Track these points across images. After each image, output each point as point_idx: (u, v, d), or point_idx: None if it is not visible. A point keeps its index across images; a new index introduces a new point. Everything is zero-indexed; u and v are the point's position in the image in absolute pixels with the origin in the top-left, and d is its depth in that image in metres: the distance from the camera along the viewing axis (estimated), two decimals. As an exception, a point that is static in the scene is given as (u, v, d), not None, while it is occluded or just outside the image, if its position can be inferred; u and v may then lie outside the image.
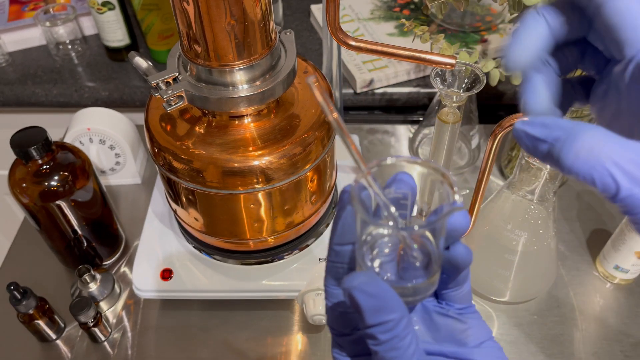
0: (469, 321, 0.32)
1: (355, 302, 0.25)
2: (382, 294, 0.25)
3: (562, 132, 0.23)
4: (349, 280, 0.25)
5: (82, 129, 0.75)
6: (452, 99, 0.50)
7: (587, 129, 0.23)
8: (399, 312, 0.25)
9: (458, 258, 0.30)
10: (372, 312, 0.25)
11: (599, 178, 0.22)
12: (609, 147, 0.22)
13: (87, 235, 0.68)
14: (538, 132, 0.24)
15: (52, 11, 0.96)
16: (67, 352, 0.65)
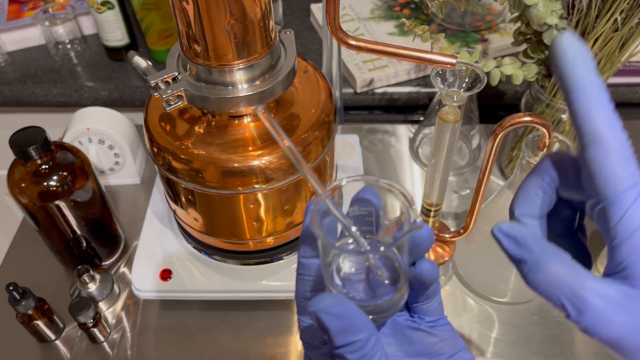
0: (441, 334, 0.32)
1: (323, 324, 0.25)
2: (348, 314, 0.25)
3: (530, 257, 0.27)
4: (316, 302, 0.25)
5: (81, 128, 0.75)
6: (452, 98, 0.50)
7: (552, 261, 0.27)
8: (367, 332, 0.25)
9: (424, 274, 0.30)
10: (340, 333, 0.25)
11: (554, 304, 0.27)
12: (565, 284, 0.26)
13: (87, 235, 0.68)
14: (511, 248, 0.28)
15: (52, 11, 0.96)
16: (66, 352, 0.65)
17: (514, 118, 0.46)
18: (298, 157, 0.29)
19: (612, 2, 0.56)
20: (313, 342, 0.33)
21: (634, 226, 0.25)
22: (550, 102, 0.68)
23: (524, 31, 0.68)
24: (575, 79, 0.25)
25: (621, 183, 0.25)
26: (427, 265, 0.30)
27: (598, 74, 0.26)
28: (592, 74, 0.25)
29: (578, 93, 0.25)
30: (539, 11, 0.59)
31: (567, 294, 0.27)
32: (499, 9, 0.99)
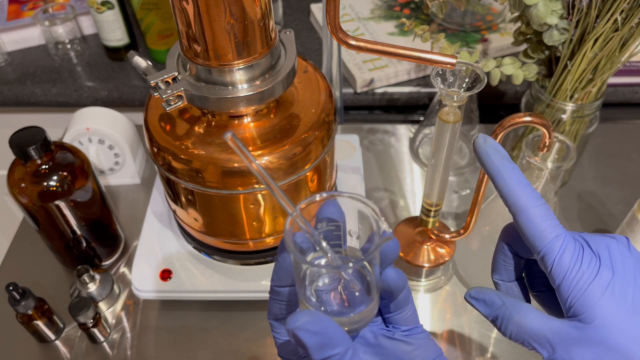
0: (416, 342, 0.33)
1: (300, 341, 0.26)
2: (325, 330, 0.26)
3: (500, 313, 0.33)
4: (293, 320, 0.26)
5: (81, 128, 0.75)
6: (452, 98, 0.50)
7: (516, 313, 0.33)
8: (344, 345, 0.26)
9: (390, 282, 0.31)
10: (318, 349, 0.26)
11: (528, 347, 0.33)
12: (530, 329, 0.32)
13: (86, 235, 0.68)
14: (482, 309, 0.35)
15: (51, 10, 0.96)
16: (66, 352, 0.65)
17: (514, 118, 0.46)
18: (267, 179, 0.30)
19: (612, 2, 0.56)
20: (291, 358, 0.34)
21: (563, 269, 0.31)
22: (551, 102, 0.68)
23: (524, 31, 0.68)
24: (491, 166, 0.33)
25: (546, 237, 0.31)
26: (393, 273, 0.31)
27: (510, 159, 0.33)
28: (505, 160, 0.33)
29: (497, 176, 0.33)
30: (539, 11, 0.59)
31: (533, 338, 0.32)
32: (499, 8, 0.99)
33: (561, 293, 0.32)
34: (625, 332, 0.31)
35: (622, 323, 0.31)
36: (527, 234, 0.32)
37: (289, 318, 0.27)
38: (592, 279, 0.31)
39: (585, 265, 0.31)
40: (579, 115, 0.68)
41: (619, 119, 0.93)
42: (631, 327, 0.31)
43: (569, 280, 0.31)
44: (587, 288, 0.31)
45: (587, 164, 0.84)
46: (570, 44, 0.62)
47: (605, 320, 0.31)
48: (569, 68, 0.63)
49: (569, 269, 0.31)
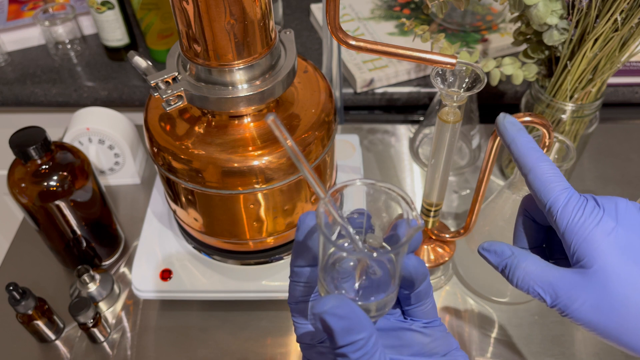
0: (434, 334, 0.34)
1: (327, 325, 0.26)
2: (351, 315, 0.26)
3: (508, 262, 0.35)
4: (320, 305, 0.27)
5: (81, 128, 0.75)
6: (452, 98, 0.50)
7: (523, 261, 0.35)
8: (368, 330, 0.27)
9: (411, 269, 0.32)
10: (343, 333, 0.26)
11: (532, 295, 0.34)
12: (536, 276, 0.34)
13: (86, 235, 0.68)
14: (493, 259, 0.37)
15: (51, 10, 0.96)
16: (66, 352, 0.65)
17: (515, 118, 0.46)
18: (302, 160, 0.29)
19: (612, 2, 0.56)
20: (310, 342, 0.34)
21: (567, 217, 0.33)
22: (551, 102, 0.68)
23: (524, 31, 0.68)
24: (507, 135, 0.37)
25: (551, 190, 0.34)
26: (415, 261, 0.32)
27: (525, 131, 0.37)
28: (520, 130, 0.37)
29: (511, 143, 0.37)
30: (539, 11, 0.59)
31: (538, 284, 0.34)
32: (499, 9, 0.99)
33: (565, 240, 0.34)
34: (626, 278, 0.32)
35: (623, 269, 0.32)
36: (536, 189, 0.35)
37: (315, 302, 0.27)
38: (594, 225, 0.32)
39: (587, 213, 0.33)
40: (578, 115, 0.68)
41: (618, 119, 0.93)
42: (633, 274, 0.32)
43: (571, 226, 0.33)
44: (589, 233, 0.32)
45: (587, 164, 0.84)
46: (570, 44, 0.62)
47: (605, 265, 0.32)
48: (569, 68, 0.63)
49: (572, 216, 0.33)
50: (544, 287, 0.34)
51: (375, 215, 0.33)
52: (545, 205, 0.35)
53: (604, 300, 0.32)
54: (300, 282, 0.33)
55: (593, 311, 0.32)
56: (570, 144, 0.55)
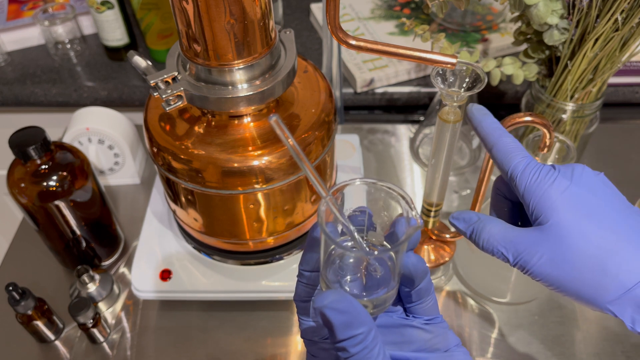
0: (435, 330, 0.34)
1: (327, 319, 0.27)
2: (351, 309, 0.27)
3: (475, 227, 0.37)
4: (320, 299, 0.27)
5: (81, 128, 0.75)
6: (452, 98, 0.50)
7: (487, 224, 0.37)
8: (368, 325, 0.27)
9: (411, 267, 0.32)
10: (343, 328, 0.27)
11: (497, 255, 0.37)
12: (499, 237, 0.36)
13: (86, 235, 0.68)
14: (461, 226, 0.39)
15: (51, 10, 0.96)
16: (65, 353, 0.65)
17: (515, 118, 0.46)
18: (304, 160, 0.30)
19: (612, 2, 0.56)
20: (313, 339, 0.35)
21: (525, 179, 0.36)
22: (551, 102, 0.68)
23: (525, 31, 0.67)
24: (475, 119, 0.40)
25: (511, 159, 0.37)
26: (414, 258, 0.32)
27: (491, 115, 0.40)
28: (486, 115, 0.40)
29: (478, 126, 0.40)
30: (539, 11, 0.59)
31: (501, 243, 0.36)
32: (500, 8, 0.99)
33: (525, 200, 0.36)
34: (581, 232, 0.33)
35: (576, 223, 0.34)
36: (499, 161, 0.38)
37: (316, 297, 0.28)
38: (549, 184, 0.35)
39: (543, 175, 0.35)
40: (579, 115, 0.68)
41: (619, 119, 0.93)
42: (587, 228, 0.33)
43: (529, 186, 0.36)
44: (544, 192, 0.35)
45: (587, 163, 0.83)
46: (570, 44, 0.62)
47: (560, 220, 0.34)
48: (570, 68, 0.63)
49: (529, 178, 0.36)
50: (506, 246, 0.35)
51: (376, 214, 0.33)
52: (508, 172, 0.37)
53: (559, 253, 0.34)
54: (306, 283, 0.34)
55: (550, 264, 0.34)
56: (571, 144, 0.55)
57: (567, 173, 0.35)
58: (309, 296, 0.35)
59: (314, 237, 0.33)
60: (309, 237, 0.33)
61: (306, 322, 0.35)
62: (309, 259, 0.34)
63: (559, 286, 0.34)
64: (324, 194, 0.30)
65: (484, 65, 0.68)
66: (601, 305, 0.34)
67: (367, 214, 0.33)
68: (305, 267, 0.34)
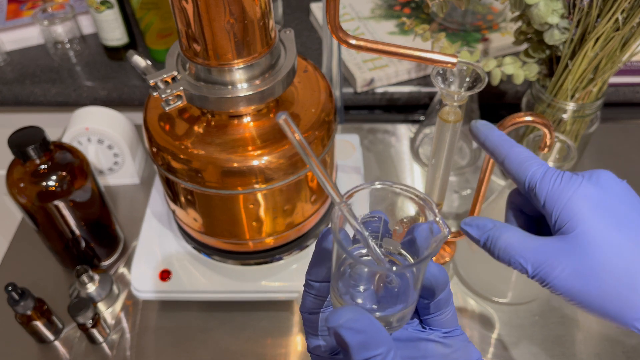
0: (455, 344, 0.32)
1: (342, 340, 0.25)
2: (368, 328, 0.25)
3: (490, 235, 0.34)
4: (336, 318, 0.25)
5: (80, 128, 0.74)
6: (453, 98, 0.50)
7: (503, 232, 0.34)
8: (386, 346, 0.25)
9: (432, 279, 0.30)
10: (360, 348, 0.25)
11: (514, 266, 0.33)
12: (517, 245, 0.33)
13: (86, 235, 0.68)
14: (475, 233, 0.35)
15: (51, 10, 0.95)
16: (65, 353, 0.64)
17: (515, 118, 0.46)
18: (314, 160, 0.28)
19: (613, 1, 0.56)
20: (322, 355, 0.33)
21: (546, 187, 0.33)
22: (551, 102, 0.68)
23: (525, 30, 0.67)
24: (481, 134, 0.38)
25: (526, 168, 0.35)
26: (435, 269, 0.30)
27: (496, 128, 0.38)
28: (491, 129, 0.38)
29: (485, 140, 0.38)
30: (539, 10, 0.59)
31: (519, 253, 0.33)
32: (500, 8, 0.99)
33: (546, 210, 0.33)
34: (608, 242, 0.31)
35: (605, 232, 0.31)
36: (513, 171, 0.35)
37: (330, 315, 0.26)
38: (574, 190, 0.32)
39: (566, 180, 0.33)
40: (579, 115, 0.68)
41: (619, 119, 0.93)
42: (616, 239, 0.30)
43: (551, 194, 0.33)
44: (569, 199, 0.32)
45: (588, 163, 0.84)
46: (571, 44, 0.62)
47: (587, 229, 0.31)
48: (570, 68, 0.63)
49: (551, 185, 0.33)
50: (525, 256, 0.32)
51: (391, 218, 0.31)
52: (524, 182, 0.34)
53: (585, 265, 0.31)
54: (315, 295, 0.32)
55: (574, 277, 0.31)
56: (571, 144, 0.55)
57: (592, 179, 0.33)
58: (317, 308, 0.32)
59: (323, 247, 0.30)
60: (319, 247, 0.31)
61: (314, 338, 0.33)
62: (318, 269, 0.31)
63: (582, 301, 0.31)
64: (338, 200, 0.28)
65: (484, 65, 0.68)
66: (628, 323, 0.31)
67: (383, 220, 0.30)
68: (313, 278, 0.31)
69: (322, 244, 0.30)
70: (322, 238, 0.30)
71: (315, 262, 0.31)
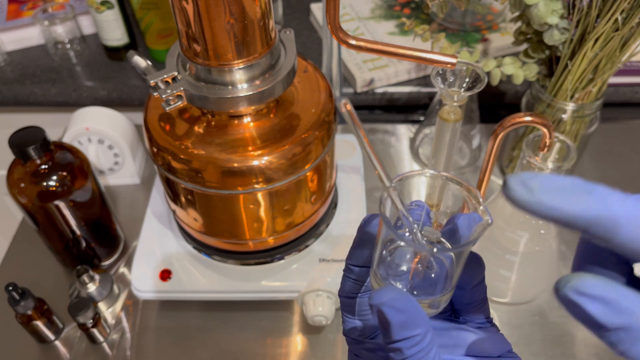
0: (487, 334, 0.32)
1: (385, 318, 0.25)
2: (409, 309, 0.25)
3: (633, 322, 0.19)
4: (378, 296, 0.26)
5: (80, 128, 0.74)
6: (452, 98, 0.50)
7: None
8: (425, 326, 0.25)
9: (469, 267, 0.30)
10: (400, 327, 0.25)
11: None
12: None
13: (86, 235, 0.68)
14: (598, 313, 0.20)
15: (51, 10, 0.96)
16: (65, 353, 0.65)
17: (515, 118, 0.46)
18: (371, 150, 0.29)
19: (612, 1, 0.56)
20: (358, 338, 0.33)
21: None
22: (551, 102, 0.68)
23: (525, 31, 0.67)
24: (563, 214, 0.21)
25: None
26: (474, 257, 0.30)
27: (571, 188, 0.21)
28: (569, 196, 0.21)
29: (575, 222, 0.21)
30: (539, 11, 0.59)
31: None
32: (500, 8, 0.99)
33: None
34: None
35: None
36: None
37: (373, 293, 0.26)
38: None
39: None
40: (579, 115, 0.68)
41: (619, 119, 0.93)
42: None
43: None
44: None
45: (587, 164, 0.84)
46: (570, 44, 0.62)
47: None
48: (570, 68, 0.63)
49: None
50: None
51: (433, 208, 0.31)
52: None
53: None
54: (351, 277, 0.32)
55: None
56: (571, 144, 0.55)
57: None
58: (356, 292, 0.32)
59: (366, 231, 0.30)
60: (361, 231, 0.31)
61: (351, 320, 0.33)
62: (359, 253, 0.31)
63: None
64: (388, 183, 0.28)
65: (484, 65, 0.68)
66: None
67: (425, 209, 0.31)
68: (354, 262, 0.32)
69: (366, 228, 0.30)
70: (365, 223, 0.30)
71: (357, 246, 0.31)
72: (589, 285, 0.20)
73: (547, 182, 0.21)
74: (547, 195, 0.21)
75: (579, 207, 0.20)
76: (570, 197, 0.20)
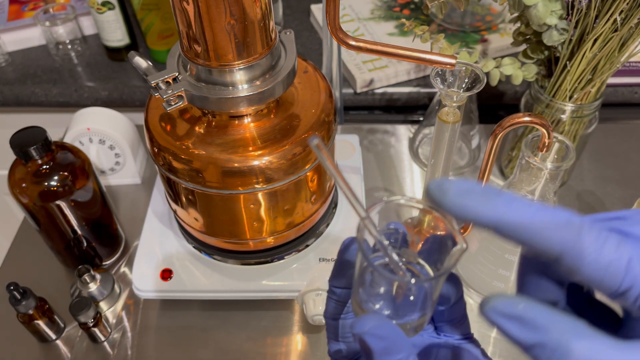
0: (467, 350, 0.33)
1: (367, 346, 0.26)
2: (391, 335, 0.26)
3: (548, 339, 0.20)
4: (360, 325, 0.27)
5: (81, 129, 0.75)
6: (452, 98, 0.50)
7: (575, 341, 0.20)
8: (407, 350, 0.26)
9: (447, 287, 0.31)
10: (382, 354, 0.26)
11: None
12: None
13: (87, 235, 0.68)
14: (516, 332, 0.21)
15: (52, 11, 0.96)
16: (66, 352, 0.65)
17: (514, 118, 0.47)
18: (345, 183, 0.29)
19: (611, 2, 0.56)
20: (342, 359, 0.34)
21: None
22: (550, 102, 0.68)
23: (524, 31, 0.68)
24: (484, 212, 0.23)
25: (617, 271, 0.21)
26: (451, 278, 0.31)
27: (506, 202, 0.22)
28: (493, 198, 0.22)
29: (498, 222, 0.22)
30: (538, 11, 0.60)
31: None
32: (499, 9, 0.99)
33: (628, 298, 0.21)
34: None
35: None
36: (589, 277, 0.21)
37: (355, 322, 0.27)
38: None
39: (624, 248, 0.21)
40: (578, 115, 0.68)
41: (618, 119, 0.93)
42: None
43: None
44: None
45: (586, 164, 0.84)
46: (569, 45, 0.63)
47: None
48: (569, 68, 0.64)
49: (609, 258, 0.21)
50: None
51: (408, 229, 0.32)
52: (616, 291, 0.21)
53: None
54: (334, 298, 0.33)
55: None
56: (570, 144, 0.55)
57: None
58: (339, 314, 0.34)
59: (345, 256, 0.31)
60: (340, 256, 0.32)
61: (335, 343, 0.34)
62: (340, 276, 0.32)
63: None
64: (363, 214, 0.28)
65: (483, 66, 0.68)
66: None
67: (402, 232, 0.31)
68: (336, 284, 0.33)
69: (345, 253, 0.32)
70: (344, 248, 0.32)
71: (338, 270, 0.33)
72: (507, 305, 0.22)
73: (459, 186, 0.23)
74: (458, 196, 0.23)
75: (488, 208, 0.22)
76: (480, 198, 0.22)
